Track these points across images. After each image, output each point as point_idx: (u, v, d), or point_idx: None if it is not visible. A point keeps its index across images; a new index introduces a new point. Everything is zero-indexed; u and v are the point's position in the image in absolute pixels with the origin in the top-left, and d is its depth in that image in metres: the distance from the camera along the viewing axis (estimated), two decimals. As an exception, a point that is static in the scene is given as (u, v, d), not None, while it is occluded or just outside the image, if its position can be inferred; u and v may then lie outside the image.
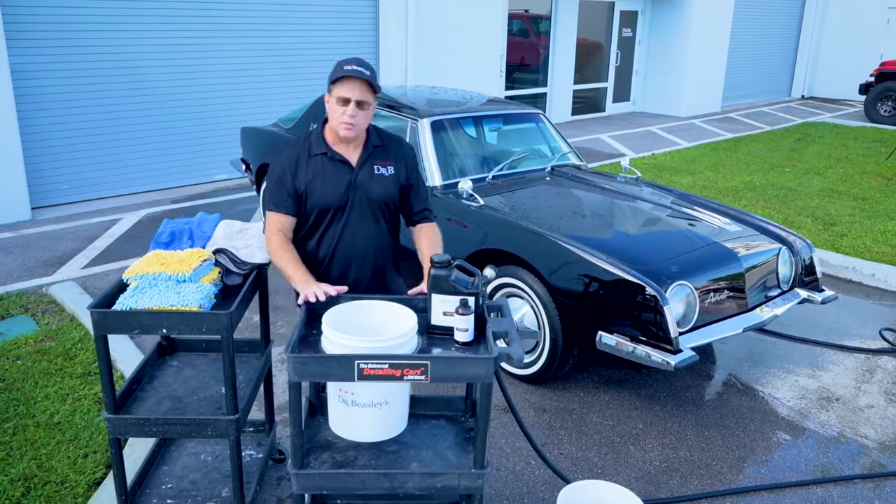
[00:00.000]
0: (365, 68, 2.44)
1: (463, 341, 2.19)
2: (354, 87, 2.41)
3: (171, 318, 2.26)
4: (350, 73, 2.39)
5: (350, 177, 2.55)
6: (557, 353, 3.64)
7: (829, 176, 8.91)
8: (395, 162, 2.61)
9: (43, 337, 4.16)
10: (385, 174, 2.58)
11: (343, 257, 2.61)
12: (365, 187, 2.55)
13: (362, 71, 2.42)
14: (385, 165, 2.59)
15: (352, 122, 2.45)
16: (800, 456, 3.35)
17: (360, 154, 2.57)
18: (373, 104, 2.49)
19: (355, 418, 2.21)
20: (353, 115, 2.44)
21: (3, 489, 2.84)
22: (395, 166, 2.61)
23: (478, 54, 10.68)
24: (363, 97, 2.43)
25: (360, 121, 2.47)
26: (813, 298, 3.99)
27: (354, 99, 2.42)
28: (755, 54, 16.60)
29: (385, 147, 2.62)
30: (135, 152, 7.51)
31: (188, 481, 2.76)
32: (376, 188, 2.56)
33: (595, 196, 4.35)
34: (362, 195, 2.55)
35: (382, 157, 2.60)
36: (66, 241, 5.98)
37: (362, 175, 2.56)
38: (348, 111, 2.43)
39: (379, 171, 2.57)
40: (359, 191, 2.55)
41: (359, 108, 2.44)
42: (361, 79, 2.41)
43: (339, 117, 2.46)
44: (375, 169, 2.57)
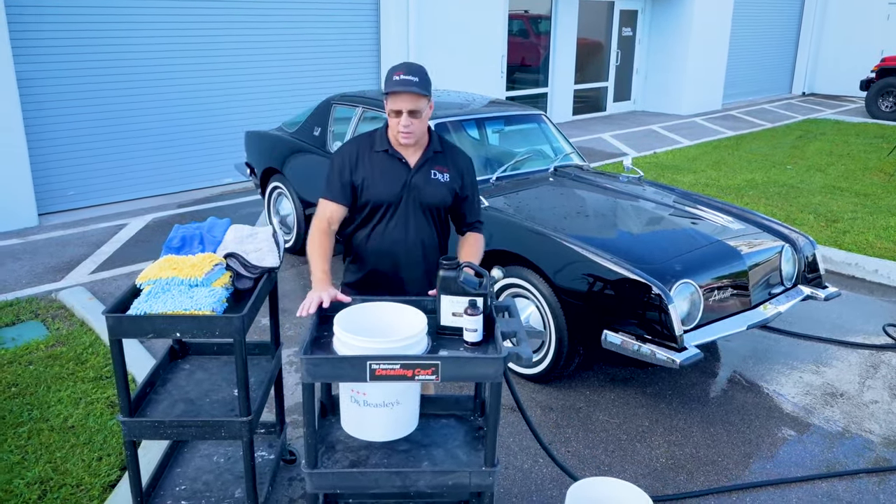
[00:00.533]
0: (413, 76, 2.46)
1: (472, 342, 2.23)
2: (404, 99, 2.46)
3: (185, 322, 2.30)
4: (397, 86, 2.44)
5: (406, 177, 2.59)
6: (563, 352, 3.67)
7: (830, 173, 8.93)
8: (452, 170, 2.65)
9: (54, 342, 4.20)
10: (441, 180, 2.62)
11: (391, 254, 2.64)
12: (419, 189, 2.60)
13: (409, 81, 2.45)
14: (442, 172, 2.63)
15: (407, 131, 2.51)
16: (805, 452, 3.38)
17: (419, 156, 2.62)
18: (426, 109, 2.53)
19: (367, 418, 2.24)
20: (408, 125, 2.49)
21: (20, 492, 2.88)
22: (452, 174, 2.65)
23: (478, 55, 10.72)
24: (414, 106, 2.47)
25: (416, 128, 2.52)
26: (816, 295, 4.02)
27: (406, 110, 2.47)
28: (755, 51, 16.62)
29: (444, 154, 2.67)
30: (140, 157, 7.56)
31: (201, 483, 2.80)
32: (430, 191, 2.60)
33: (598, 196, 4.39)
34: (415, 196, 2.60)
35: (441, 163, 2.64)
36: (74, 247, 6.03)
37: (418, 177, 2.60)
38: (402, 122, 2.49)
39: (435, 176, 2.62)
40: (413, 191, 2.60)
41: (412, 118, 2.49)
42: (409, 91, 2.44)
43: (396, 127, 2.52)
44: (432, 173, 2.61)
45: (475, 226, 2.76)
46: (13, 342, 4.21)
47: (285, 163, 5.68)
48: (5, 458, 3.10)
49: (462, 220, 2.75)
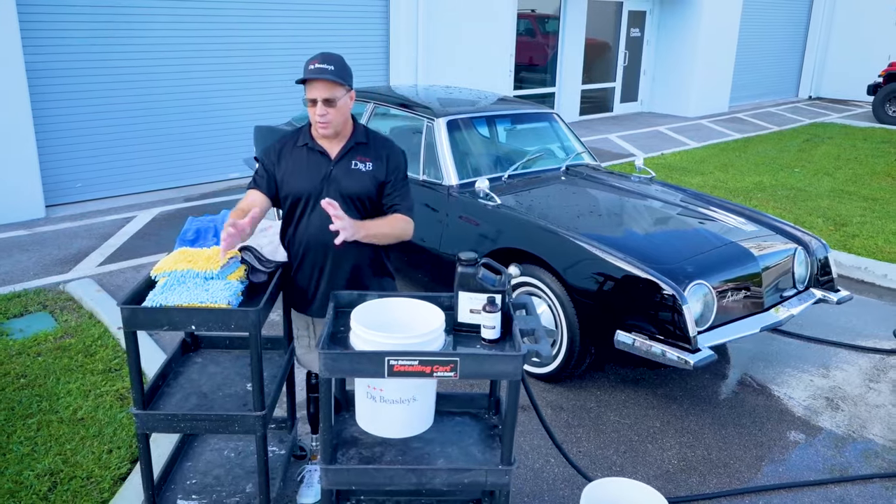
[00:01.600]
0: (328, 64, 2.44)
1: (490, 339, 2.21)
2: (318, 87, 2.44)
3: (201, 315, 2.28)
4: (311, 74, 2.42)
5: (326, 169, 2.57)
6: (575, 351, 3.65)
7: (838, 176, 8.90)
8: (375, 159, 2.61)
9: (62, 334, 4.19)
10: (362, 169, 2.58)
11: (318, 246, 2.61)
12: (338, 180, 2.56)
13: (323, 69, 2.43)
14: (364, 161, 2.59)
15: (323, 120, 2.48)
16: (817, 455, 3.37)
17: (340, 148, 2.59)
18: (343, 98, 2.49)
19: (383, 414, 2.23)
20: (323, 113, 2.47)
21: (30, 484, 2.87)
22: (375, 163, 2.60)
23: (486, 54, 10.69)
24: (329, 94, 2.45)
25: (333, 117, 2.49)
26: (828, 298, 4.00)
27: (321, 98, 2.45)
28: (762, 54, 16.58)
29: (368, 145, 2.63)
30: (148, 151, 7.55)
31: (212, 477, 2.78)
32: (350, 182, 2.56)
33: (611, 195, 4.37)
34: (336, 187, 2.56)
35: (363, 154, 2.60)
36: (81, 239, 6.02)
37: (339, 168, 2.57)
38: (318, 111, 2.47)
39: (356, 166, 2.58)
40: (333, 183, 2.56)
41: (328, 106, 2.46)
42: (323, 79, 2.42)
43: (314, 118, 2.50)
44: (353, 164, 2.58)
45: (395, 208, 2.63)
46: (21, 333, 4.20)
47: (294, 158, 5.65)
48: (15, 450, 3.09)
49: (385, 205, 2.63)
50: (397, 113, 4.89)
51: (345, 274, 2.65)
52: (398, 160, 2.67)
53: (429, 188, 4.41)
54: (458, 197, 4.24)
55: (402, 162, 2.68)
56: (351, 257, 2.64)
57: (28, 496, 2.81)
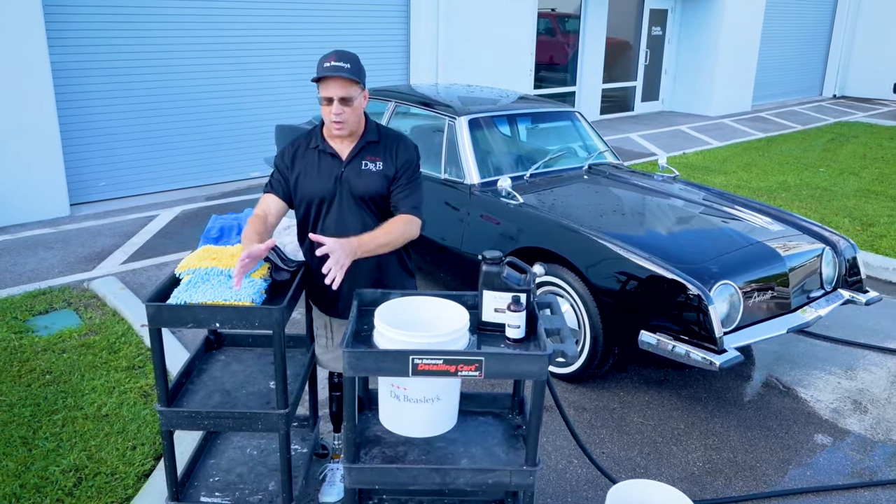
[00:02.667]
0: (344, 62, 2.40)
1: (515, 338, 2.19)
2: (334, 85, 2.40)
3: (225, 313, 2.28)
4: (327, 72, 2.38)
5: (338, 170, 2.54)
6: (598, 351, 3.62)
7: (864, 176, 8.76)
8: (386, 158, 2.56)
9: (87, 331, 4.23)
10: (373, 169, 2.54)
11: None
12: (350, 181, 2.53)
13: (340, 67, 2.39)
14: (374, 161, 2.55)
15: (339, 119, 2.45)
16: (845, 458, 3.30)
17: (351, 148, 2.56)
18: (358, 97, 2.46)
19: (407, 413, 2.21)
20: (339, 112, 2.44)
21: (56, 479, 2.90)
22: (386, 162, 2.56)
23: (507, 53, 10.66)
24: (345, 93, 2.41)
25: (348, 116, 2.46)
26: (857, 299, 3.93)
27: (336, 97, 2.42)
28: (786, 53, 16.38)
29: (379, 143, 2.58)
30: (171, 150, 7.61)
31: (235, 474, 2.79)
32: (361, 183, 2.53)
33: (634, 194, 4.32)
34: (348, 189, 2.54)
35: (373, 153, 2.56)
36: (105, 237, 6.08)
37: (350, 169, 2.54)
38: (333, 110, 2.43)
39: (366, 167, 2.54)
40: (345, 184, 2.54)
41: (343, 105, 2.43)
42: (339, 77, 2.39)
43: (328, 117, 2.47)
44: (363, 164, 2.54)
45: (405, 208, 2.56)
46: (46, 330, 4.25)
47: (316, 157, 5.66)
48: (41, 445, 3.12)
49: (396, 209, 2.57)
50: (418, 112, 4.88)
51: (364, 275, 2.63)
52: (407, 155, 2.60)
53: (450, 187, 4.39)
54: (480, 196, 4.22)
55: (412, 157, 2.61)
56: (370, 259, 2.59)
57: (54, 491, 2.84)
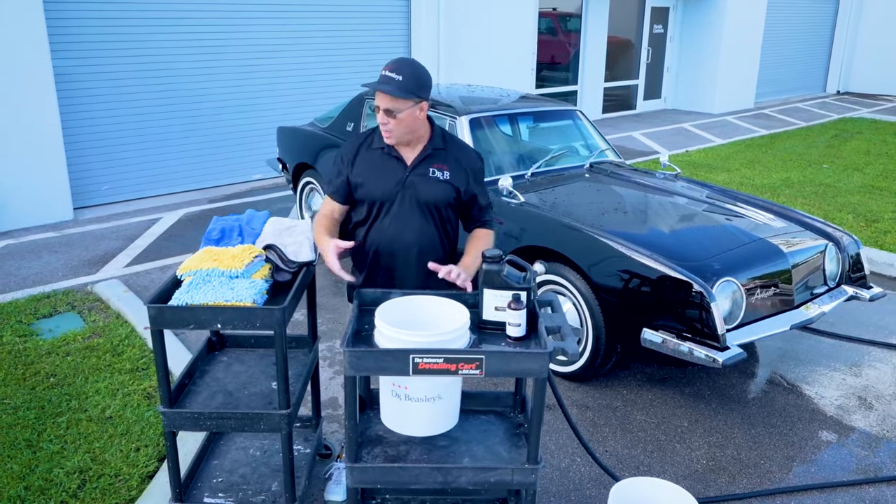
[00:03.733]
0: (398, 74, 2.43)
1: (515, 336, 2.19)
2: (381, 96, 2.45)
3: (226, 314, 2.29)
4: (378, 83, 2.44)
5: (403, 174, 2.56)
6: (601, 350, 3.62)
7: (869, 172, 8.73)
8: (453, 167, 2.60)
9: (90, 333, 4.24)
10: (440, 178, 2.57)
11: (389, 251, 2.62)
12: (415, 187, 2.56)
13: (390, 79, 2.42)
14: (442, 169, 2.58)
15: (385, 129, 2.49)
16: (850, 455, 3.29)
17: (417, 154, 2.58)
18: (408, 110, 2.46)
19: (408, 413, 2.21)
20: (384, 122, 2.48)
21: (60, 481, 2.91)
22: (453, 172, 2.59)
23: (508, 52, 10.65)
24: (391, 105, 2.44)
25: (394, 127, 2.48)
26: (861, 295, 3.92)
27: (382, 108, 2.45)
28: (789, 49, 16.33)
29: (446, 150, 2.61)
30: (173, 153, 7.63)
31: (238, 475, 2.80)
32: (427, 190, 2.56)
33: (636, 192, 4.32)
34: (412, 194, 2.56)
35: (440, 160, 2.59)
36: (108, 241, 6.09)
37: (415, 175, 2.56)
38: (379, 119, 2.48)
39: (434, 174, 2.57)
40: (408, 189, 2.56)
41: (388, 117, 2.46)
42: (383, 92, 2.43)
43: (379, 122, 2.51)
44: (430, 171, 2.57)
45: (484, 222, 2.72)
46: (50, 333, 4.26)
47: (318, 158, 5.68)
48: (45, 448, 3.13)
49: (469, 217, 2.70)
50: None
51: (413, 278, 2.65)
52: (476, 165, 2.67)
53: (452, 187, 4.39)
54: (482, 195, 4.21)
55: (480, 169, 2.69)
56: (418, 262, 2.63)
57: (58, 493, 2.85)
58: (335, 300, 4.90)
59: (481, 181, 2.69)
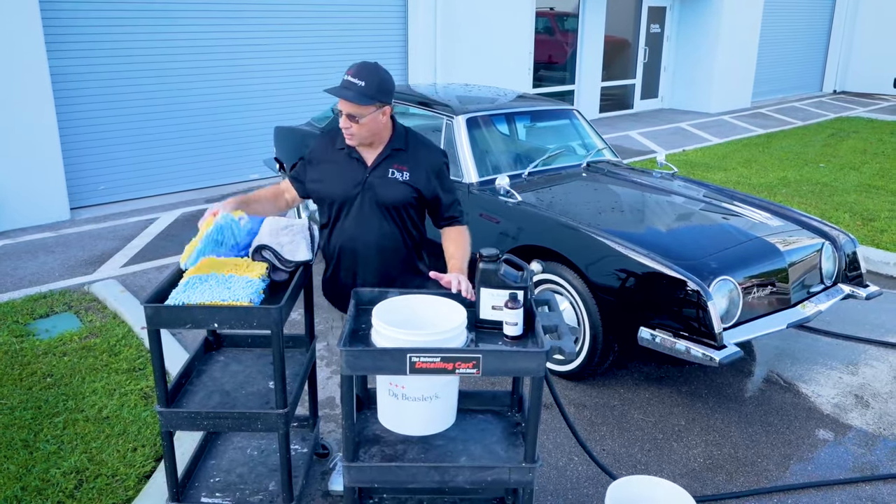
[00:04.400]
0: (358, 79, 2.39)
1: (512, 335, 2.19)
2: (344, 102, 2.43)
3: (223, 313, 2.29)
4: (336, 90, 2.41)
5: (362, 175, 2.55)
6: (598, 349, 3.62)
7: (865, 171, 8.75)
8: (413, 167, 2.57)
9: (87, 334, 4.24)
10: (399, 178, 2.55)
11: (350, 252, 2.62)
12: (374, 188, 2.54)
13: (350, 84, 2.39)
14: (401, 170, 2.55)
15: (347, 133, 2.48)
16: (846, 453, 3.30)
17: (377, 155, 2.57)
18: (370, 115, 2.43)
19: (405, 412, 2.21)
20: (346, 126, 2.46)
21: (57, 482, 2.90)
22: (413, 172, 2.56)
23: (505, 52, 10.66)
24: (352, 111, 2.42)
25: (356, 131, 2.47)
26: (857, 294, 3.92)
27: (345, 112, 2.44)
28: (785, 48, 16.35)
29: (406, 151, 2.58)
30: (170, 153, 7.62)
31: (235, 475, 2.79)
32: (386, 191, 2.54)
33: (633, 191, 4.32)
34: (371, 195, 2.55)
35: (400, 161, 2.56)
36: (105, 241, 6.08)
37: (374, 176, 2.55)
38: (341, 123, 2.47)
39: (393, 175, 2.55)
40: (368, 191, 2.54)
41: (350, 121, 2.44)
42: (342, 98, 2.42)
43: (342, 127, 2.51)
44: (390, 172, 2.55)
45: (451, 219, 2.67)
46: (47, 333, 4.25)
47: (314, 158, 5.67)
48: (42, 448, 3.12)
49: (437, 215, 2.67)
50: (416, 111, 4.88)
51: (375, 276, 2.64)
52: (438, 166, 2.62)
53: (449, 186, 4.39)
54: (478, 194, 4.21)
55: (443, 167, 2.64)
56: (380, 261, 2.62)
57: (55, 493, 2.84)
58: (332, 300, 4.90)
59: (445, 177, 2.64)
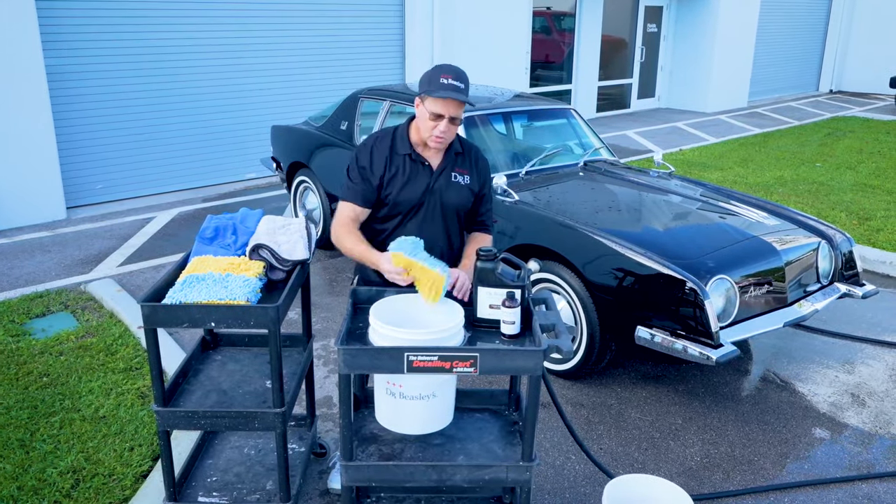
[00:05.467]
0: (461, 82, 2.40)
1: (510, 334, 2.20)
2: (450, 105, 2.40)
3: (220, 312, 2.29)
4: (448, 92, 2.37)
5: (429, 180, 2.56)
6: (595, 348, 3.62)
7: (861, 170, 8.77)
8: (472, 171, 2.63)
9: (84, 333, 4.23)
10: (461, 182, 2.59)
11: None
12: (441, 192, 2.57)
13: (458, 87, 2.38)
14: (463, 174, 2.60)
15: (443, 136, 2.47)
16: (843, 452, 3.31)
17: (441, 159, 2.58)
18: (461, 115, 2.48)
19: (403, 411, 2.22)
20: (445, 131, 2.45)
21: (53, 481, 2.90)
22: (472, 176, 2.62)
23: (502, 51, 10.65)
24: (457, 114, 2.43)
25: (451, 135, 2.49)
26: (854, 293, 3.93)
27: (448, 116, 2.42)
28: (782, 48, 16.38)
29: (465, 155, 2.63)
30: (167, 152, 7.60)
31: (232, 474, 2.79)
32: (452, 195, 2.58)
33: (630, 191, 4.33)
34: (437, 200, 2.57)
35: (461, 165, 2.61)
36: (102, 240, 6.07)
37: (441, 180, 2.57)
38: (440, 127, 2.44)
39: (456, 179, 2.59)
40: (434, 195, 2.57)
41: (452, 125, 2.45)
42: (457, 100, 2.39)
43: (430, 131, 2.46)
44: (453, 176, 2.59)
45: (485, 226, 2.73)
46: (44, 333, 4.24)
47: (312, 157, 5.67)
48: (38, 448, 3.12)
49: (472, 219, 2.71)
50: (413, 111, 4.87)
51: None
52: (488, 171, 2.70)
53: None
54: (476, 193, 4.21)
55: (489, 173, 2.72)
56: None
57: (51, 493, 2.84)
58: (329, 299, 4.90)
59: (489, 183, 2.73)
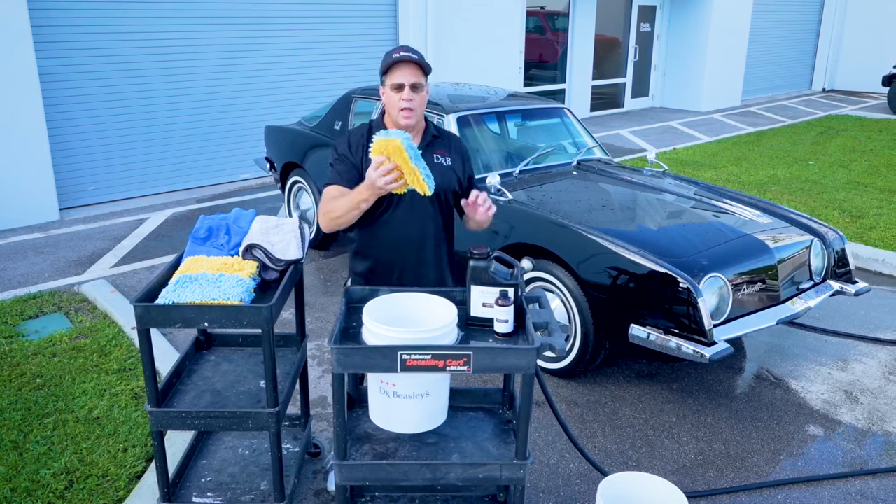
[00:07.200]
0: (413, 53, 2.47)
1: (503, 332, 2.20)
2: (406, 71, 2.44)
3: (213, 312, 2.28)
4: (399, 58, 2.44)
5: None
6: (589, 346, 3.63)
7: (854, 168, 8.80)
8: (452, 154, 2.64)
9: (77, 334, 4.21)
10: (444, 164, 2.60)
11: (398, 242, 2.59)
12: None
13: (410, 55, 2.45)
14: (444, 155, 2.62)
15: (409, 105, 2.47)
16: (836, 449, 3.32)
17: (419, 142, 2.58)
18: (426, 86, 2.51)
19: (397, 410, 2.22)
20: (410, 98, 2.46)
21: (47, 482, 2.89)
22: (453, 158, 2.64)
23: (496, 51, 10.66)
24: (416, 80, 2.45)
25: (417, 104, 2.49)
26: (846, 290, 3.95)
27: (408, 83, 2.44)
28: (775, 47, 16.43)
29: (441, 138, 2.65)
30: (160, 153, 7.58)
31: (227, 475, 2.79)
32: (435, 175, 2.52)
33: (623, 189, 4.33)
34: None
35: (441, 147, 2.63)
36: (95, 241, 6.05)
37: None
38: (404, 96, 2.46)
39: (438, 160, 2.59)
40: None
41: (413, 92, 2.46)
42: (411, 62, 2.44)
43: (397, 104, 2.47)
44: (435, 157, 2.59)
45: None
46: (37, 334, 4.23)
47: (306, 157, 5.67)
48: (32, 449, 3.11)
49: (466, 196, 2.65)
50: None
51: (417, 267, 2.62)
52: (465, 150, 2.74)
53: (440, 185, 4.39)
54: (470, 193, 4.21)
55: (467, 151, 2.76)
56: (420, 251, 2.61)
57: (45, 494, 2.83)
58: (323, 299, 4.89)
59: (471, 163, 2.75)
